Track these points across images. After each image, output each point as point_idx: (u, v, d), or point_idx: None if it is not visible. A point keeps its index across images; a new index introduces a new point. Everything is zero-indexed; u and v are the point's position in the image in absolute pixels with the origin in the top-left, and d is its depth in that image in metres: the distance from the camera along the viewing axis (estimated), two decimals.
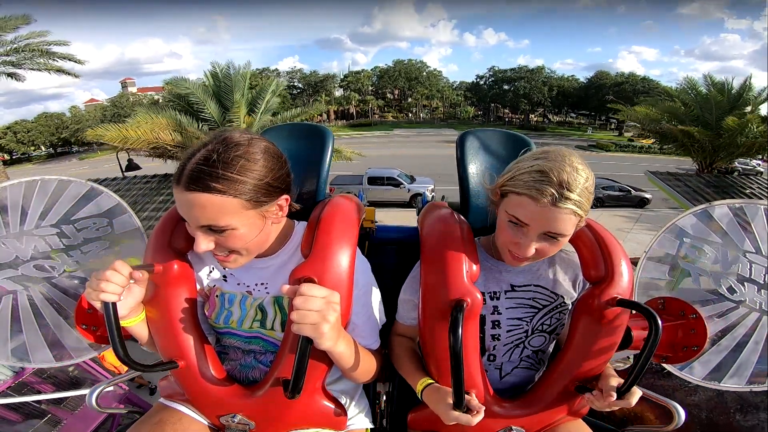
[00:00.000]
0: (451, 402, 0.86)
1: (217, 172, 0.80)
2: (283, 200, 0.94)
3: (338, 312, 0.84)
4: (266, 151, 0.89)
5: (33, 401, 2.13)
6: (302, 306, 0.79)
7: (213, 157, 0.81)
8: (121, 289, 0.85)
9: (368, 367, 1.03)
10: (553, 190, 0.84)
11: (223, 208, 0.82)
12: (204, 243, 0.86)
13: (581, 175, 0.86)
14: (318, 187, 1.32)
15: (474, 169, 1.35)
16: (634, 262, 1.07)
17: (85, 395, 1.10)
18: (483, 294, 1.00)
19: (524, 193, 0.87)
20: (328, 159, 1.34)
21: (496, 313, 1.06)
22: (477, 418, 0.86)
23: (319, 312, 0.80)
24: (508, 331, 1.07)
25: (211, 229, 0.85)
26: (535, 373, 1.13)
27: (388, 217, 12.91)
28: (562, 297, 1.08)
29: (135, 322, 0.97)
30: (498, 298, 1.06)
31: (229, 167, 0.81)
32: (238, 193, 0.82)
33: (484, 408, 0.87)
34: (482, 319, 1.04)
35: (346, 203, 1.09)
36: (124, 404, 2.26)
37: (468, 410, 0.86)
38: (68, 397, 2.26)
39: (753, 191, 9.41)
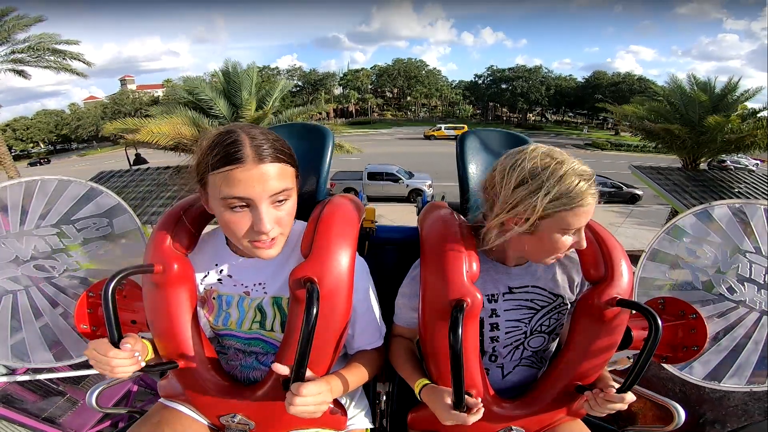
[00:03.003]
0: (450, 402, 0.86)
1: (273, 146, 0.87)
2: (299, 176, 1.01)
3: (330, 398, 0.89)
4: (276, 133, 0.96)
5: (51, 383, 2.17)
6: (296, 409, 0.82)
7: (259, 137, 0.87)
8: (134, 362, 0.88)
9: (362, 378, 1.06)
10: (594, 191, 0.87)
11: (288, 174, 0.90)
12: (270, 220, 0.88)
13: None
14: (318, 186, 1.32)
15: (474, 168, 1.35)
16: (635, 258, 1.07)
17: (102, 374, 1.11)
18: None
19: (575, 206, 0.86)
20: (328, 159, 1.34)
21: (494, 315, 1.06)
22: (475, 417, 0.85)
23: (316, 405, 0.85)
24: (506, 333, 1.07)
25: (278, 201, 0.89)
26: (537, 371, 1.13)
27: (388, 211, 13.03)
28: (561, 297, 1.08)
29: (146, 359, 0.98)
30: (496, 301, 1.06)
31: (275, 142, 0.89)
32: (293, 162, 0.93)
33: (482, 407, 0.87)
34: (480, 321, 1.03)
35: (346, 203, 1.09)
36: (138, 385, 2.34)
37: (468, 409, 0.85)
38: (86, 379, 2.29)
39: (740, 190, 9.50)
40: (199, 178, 0.90)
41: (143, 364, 0.91)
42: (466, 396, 0.84)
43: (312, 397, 0.82)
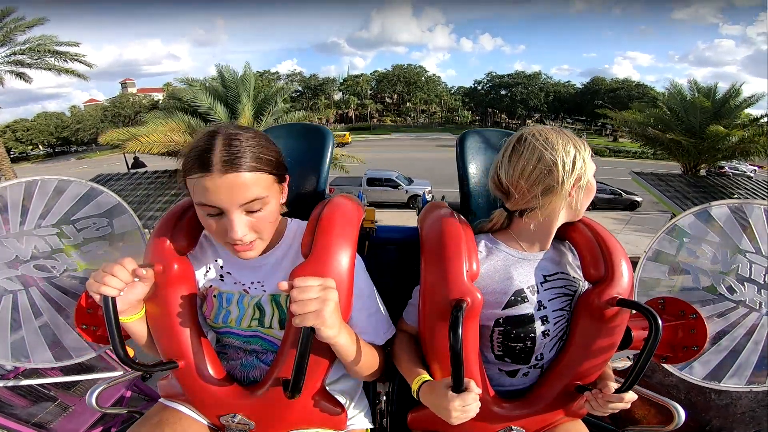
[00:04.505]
0: (449, 386, 0.85)
1: (249, 153, 0.86)
2: (286, 179, 1.00)
3: (336, 297, 0.85)
4: (266, 135, 0.96)
5: (43, 388, 2.14)
6: (300, 296, 0.80)
7: (236, 143, 0.85)
8: (123, 285, 0.87)
9: (371, 359, 1.02)
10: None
11: (261, 183, 0.88)
12: (241, 227, 0.88)
13: None
14: (318, 187, 1.32)
15: (474, 169, 1.36)
16: (633, 262, 1.08)
17: (94, 380, 1.10)
18: (524, 290, 1.00)
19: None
20: (328, 159, 1.34)
21: (542, 308, 1.02)
22: (474, 404, 0.84)
23: (318, 298, 0.81)
24: (555, 324, 1.03)
25: (249, 210, 0.88)
26: None
27: (388, 217, 13.03)
28: (580, 281, 1.07)
29: (132, 319, 0.97)
30: (538, 292, 1.03)
31: (255, 148, 0.87)
32: (269, 168, 0.90)
33: (480, 391, 0.86)
34: (530, 319, 1.01)
35: (347, 203, 1.08)
36: (132, 391, 2.32)
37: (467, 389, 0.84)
38: (77, 384, 2.26)
39: (740, 195, 9.53)
40: (182, 180, 0.91)
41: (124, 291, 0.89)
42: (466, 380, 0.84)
43: (315, 286, 0.82)
